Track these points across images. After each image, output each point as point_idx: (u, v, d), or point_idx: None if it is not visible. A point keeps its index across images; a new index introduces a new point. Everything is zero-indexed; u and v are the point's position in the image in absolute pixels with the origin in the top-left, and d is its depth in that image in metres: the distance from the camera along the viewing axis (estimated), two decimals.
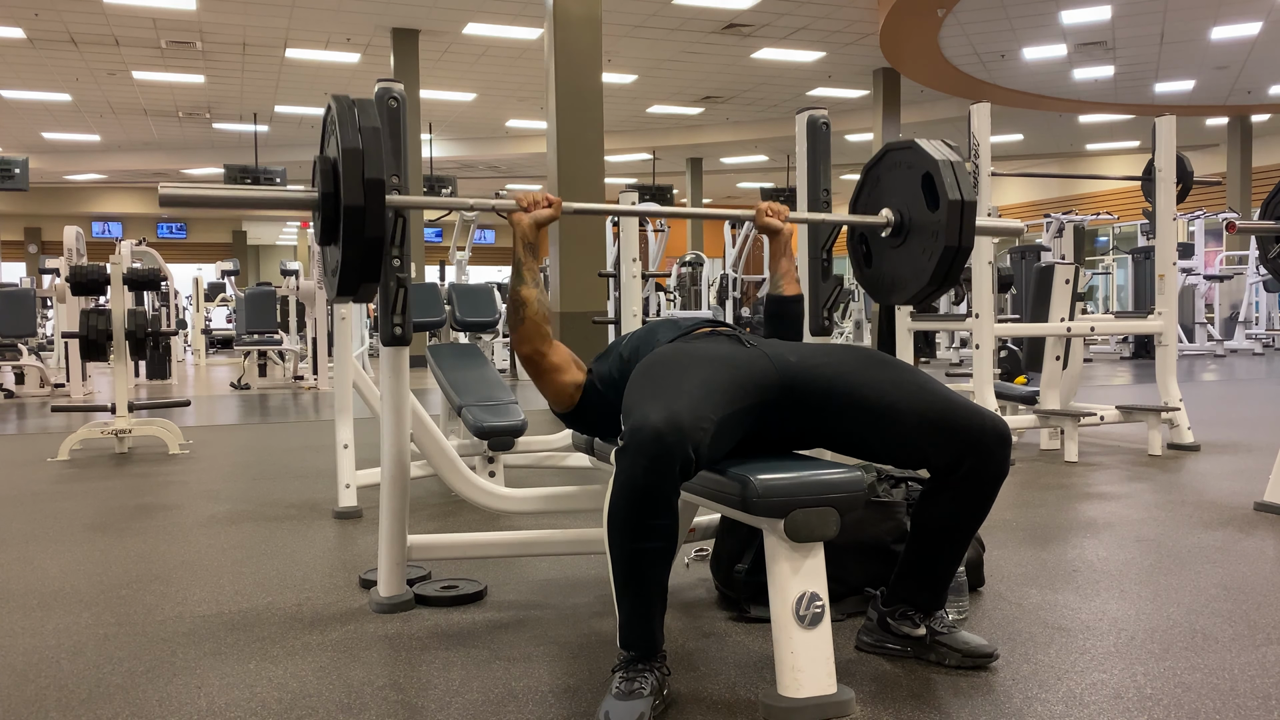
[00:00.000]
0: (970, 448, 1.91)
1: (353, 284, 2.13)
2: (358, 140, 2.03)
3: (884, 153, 2.60)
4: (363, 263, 2.08)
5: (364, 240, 2.04)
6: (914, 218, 2.46)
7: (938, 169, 2.35)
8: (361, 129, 2.04)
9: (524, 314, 2.15)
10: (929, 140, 2.45)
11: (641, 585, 1.81)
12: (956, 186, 2.32)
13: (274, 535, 3.38)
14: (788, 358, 2.02)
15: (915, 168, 2.44)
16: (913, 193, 2.44)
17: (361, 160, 2.02)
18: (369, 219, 2.03)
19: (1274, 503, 3.47)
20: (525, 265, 2.18)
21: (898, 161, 2.52)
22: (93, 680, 2.04)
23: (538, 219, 2.22)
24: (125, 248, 10.06)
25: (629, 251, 4.05)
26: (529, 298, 2.15)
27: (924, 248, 2.41)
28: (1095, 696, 1.88)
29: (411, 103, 10.99)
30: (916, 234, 2.45)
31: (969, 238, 2.34)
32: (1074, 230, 11.69)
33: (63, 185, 23.77)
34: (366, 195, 2.02)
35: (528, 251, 2.20)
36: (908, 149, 2.48)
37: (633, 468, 1.73)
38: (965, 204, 2.32)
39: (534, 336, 2.17)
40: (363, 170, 2.02)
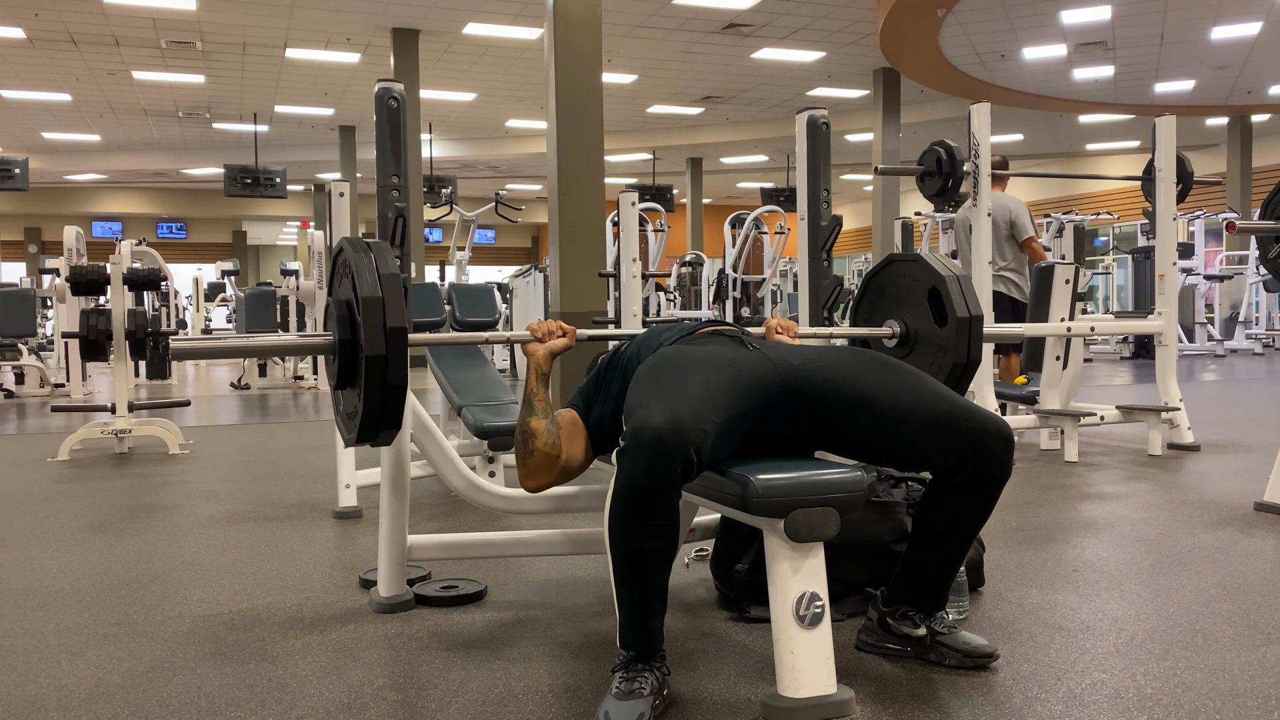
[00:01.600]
0: (973, 450, 1.91)
1: (374, 432, 2.06)
2: (378, 288, 1.97)
3: (886, 263, 2.62)
4: (384, 411, 2.01)
5: (386, 388, 1.98)
6: (919, 330, 2.49)
7: (945, 285, 2.37)
8: (380, 276, 1.98)
9: (533, 446, 2.09)
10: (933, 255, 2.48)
11: (642, 585, 1.81)
12: (964, 303, 2.35)
13: (274, 535, 3.38)
14: (790, 360, 2.01)
15: (920, 281, 2.47)
16: (918, 307, 2.48)
17: (383, 309, 1.96)
18: (391, 367, 1.97)
19: (1274, 503, 3.47)
20: (537, 396, 2.13)
21: (902, 273, 2.55)
22: (93, 680, 2.04)
23: (553, 349, 2.20)
24: (125, 248, 10.05)
25: (629, 251, 4.05)
26: (538, 429, 2.09)
27: (932, 361, 2.45)
28: (1095, 696, 1.88)
29: (411, 103, 11.00)
30: (923, 347, 2.48)
31: (977, 352, 2.37)
32: (1074, 230, 11.70)
33: (63, 185, 23.76)
34: (389, 344, 1.96)
35: (540, 383, 2.15)
36: (913, 262, 2.51)
37: (633, 468, 1.73)
38: (974, 320, 2.35)
39: (543, 470, 2.11)
40: (384, 319, 1.96)
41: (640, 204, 7.57)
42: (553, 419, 2.12)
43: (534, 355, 2.19)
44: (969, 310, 2.34)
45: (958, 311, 2.33)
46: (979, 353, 2.37)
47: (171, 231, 27.05)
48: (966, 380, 2.41)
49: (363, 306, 1.96)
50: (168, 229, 26.92)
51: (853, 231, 27.51)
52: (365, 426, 2.03)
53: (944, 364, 2.39)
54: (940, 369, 2.40)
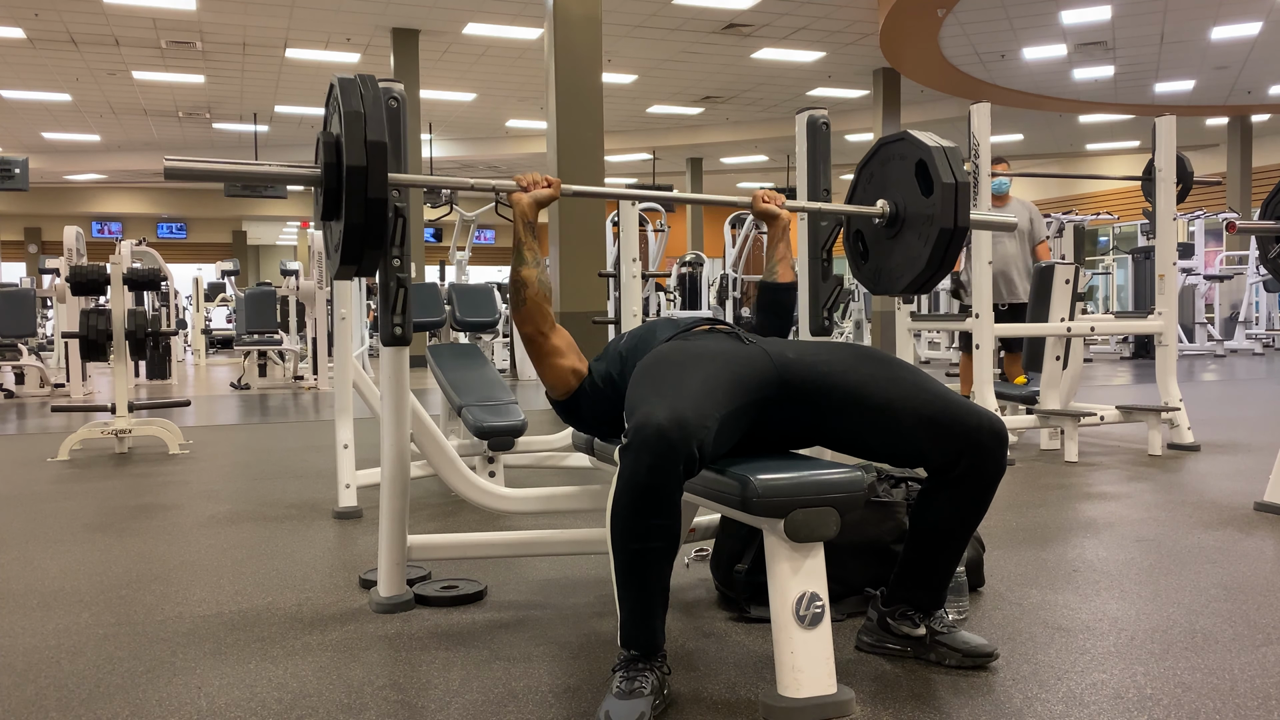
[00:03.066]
0: (967, 446, 1.92)
1: (356, 250, 2.12)
2: (360, 105, 2.06)
3: (877, 147, 2.63)
4: (366, 226, 2.08)
5: (367, 201, 2.05)
6: (909, 206, 2.48)
7: (930, 155, 2.38)
8: (364, 97, 2.07)
9: (525, 294, 2.16)
10: (921, 131, 2.48)
11: (643, 584, 1.81)
12: (950, 170, 2.36)
13: (274, 535, 3.38)
14: (787, 354, 2.02)
15: (908, 158, 2.47)
16: (907, 183, 2.48)
17: (364, 123, 2.04)
18: (372, 179, 2.05)
19: (1274, 503, 3.47)
20: (526, 244, 2.19)
21: (891, 154, 2.55)
22: (93, 680, 2.04)
23: (537, 198, 2.24)
24: (125, 248, 10.05)
25: (629, 251, 4.05)
26: (529, 278, 2.16)
27: (920, 234, 2.44)
28: (1095, 696, 1.88)
29: (411, 103, 10.99)
30: (912, 222, 2.48)
31: (964, 218, 2.36)
32: (1074, 230, 11.70)
33: (63, 185, 23.76)
34: (369, 156, 2.04)
35: (528, 230, 2.21)
36: (900, 141, 2.51)
37: (636, 465, 1.73)
38: (959, 185, 2.35)
39: (535, 317, 2.17)
40: (365, 133, 2.04)
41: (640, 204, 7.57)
42: (543, 270, 2.19)
43: (520, 204, 2.23)
44: (954, 177, 2.35)
45: (942, 178, 2.34)
46: (965, 218, 2.36)
47: (171, 231, 27.04)
48: (955, 248, 2.39)
49: (345, 120, 2.04)
50: (168, 229, 26.91)
51: None
52: (348, 245, 2.10)
53: (930, 234, 2.38)
54: (928, 240, 2.39)
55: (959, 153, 2.43)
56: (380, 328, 2.44)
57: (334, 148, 2.10)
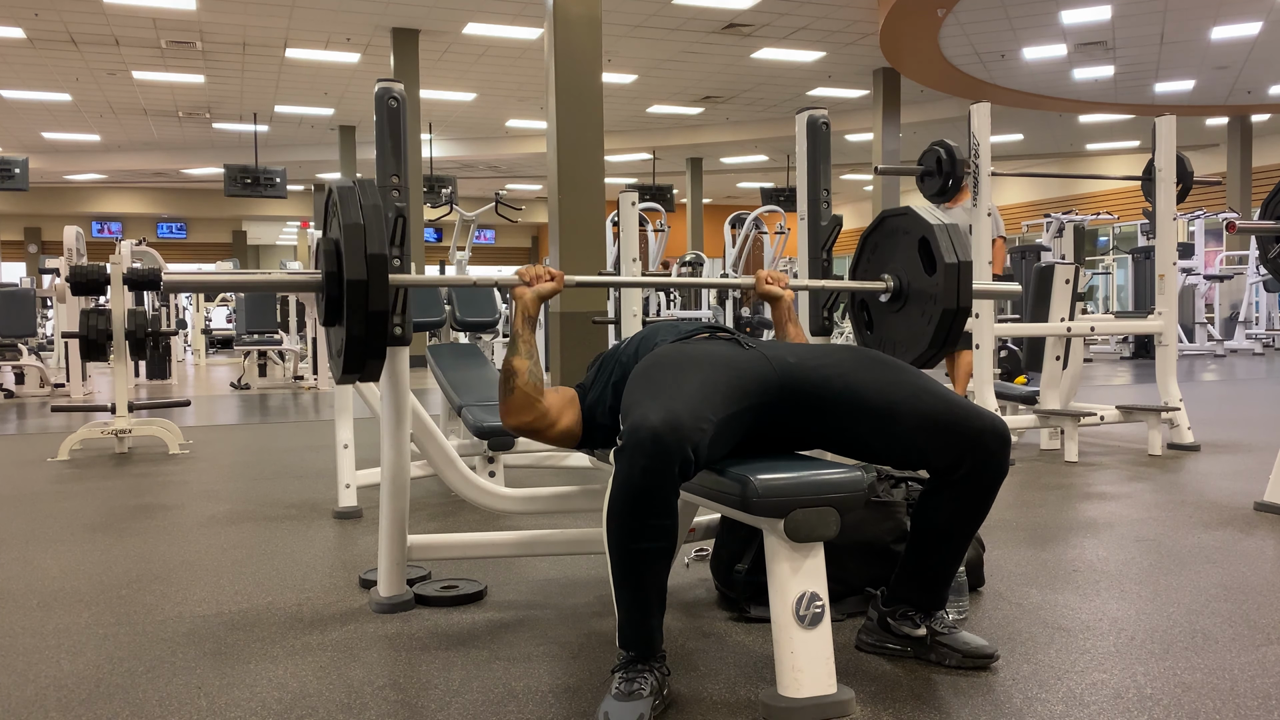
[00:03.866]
0: (970, 448, 1.92)
1: (358, 361, 2.09)
2: (359, 216, 2.03)
3: (880, 220, 2.64)
4: (367, 338, 2.05)
5: (368, 315, 2.02)
6: (912, 283, 2.50)
7: (933, 234, 2.39)
8: (363, 206, 2.04)
9: (514, 384, 2.13)
10: (923, 208, 2.49)
11: (641, 585, 1.81)
12: (953, 250, 2.36)
13: (274, 535, 3.38)
14: (787, 359, 2.02)
15: (911, 233, 2.48)
16: (910, 258, 2.49)
17: (364, 235, 2.02)
18: (373, 293, 2.02)
19: (1274, 503, 3.47)
20: (522, 338, 2.16)
21: (895, 228, 2.56)
22: (93, 680, 2.04)
23: (540, 293, 2.22)
24: (125, 248, 10.05)
25: (629, 251, 4.05)
26: (520, 369, 2.13)
27: (923, 311, 2.45)
28: (1095, 696, 1.88)
29: (411, 103, 11.00)
30: (915, 299, 2.49)
31: (967, 299, 2.38)
32: (1074, 230, 11.70)
33: (63, 185, 23.76)
34: (369, 269, 2.01)
35: (526, 325, 2.19)
36: (903, 215, 2.52)
37: (631, 468, 1.73)
38: (962, 266, 2.36)
39: (522, 409, 2.15)
40: (365, 245, 2.01)
41: (640, 204, 7.57)
42: (535, 362, 2.17)
43: (522, 299, 2.22)
44: (957, 256, 2.36)
45: (945, 258, 2.35)
46: (968, 299, 2.38)
47: (171, 231, 27.05)
48: (958, 328, 2.40)
49: (345, 234, 2.02)
50: (168, 229, 26.92)
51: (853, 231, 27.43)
52: (350, 357, 2.08)
53: (934, 313, 2.39)
54: (931, 318, 2.40)
55: (960, 231, 2.44)
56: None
57: (334, 256, 2.08)
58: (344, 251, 2.03)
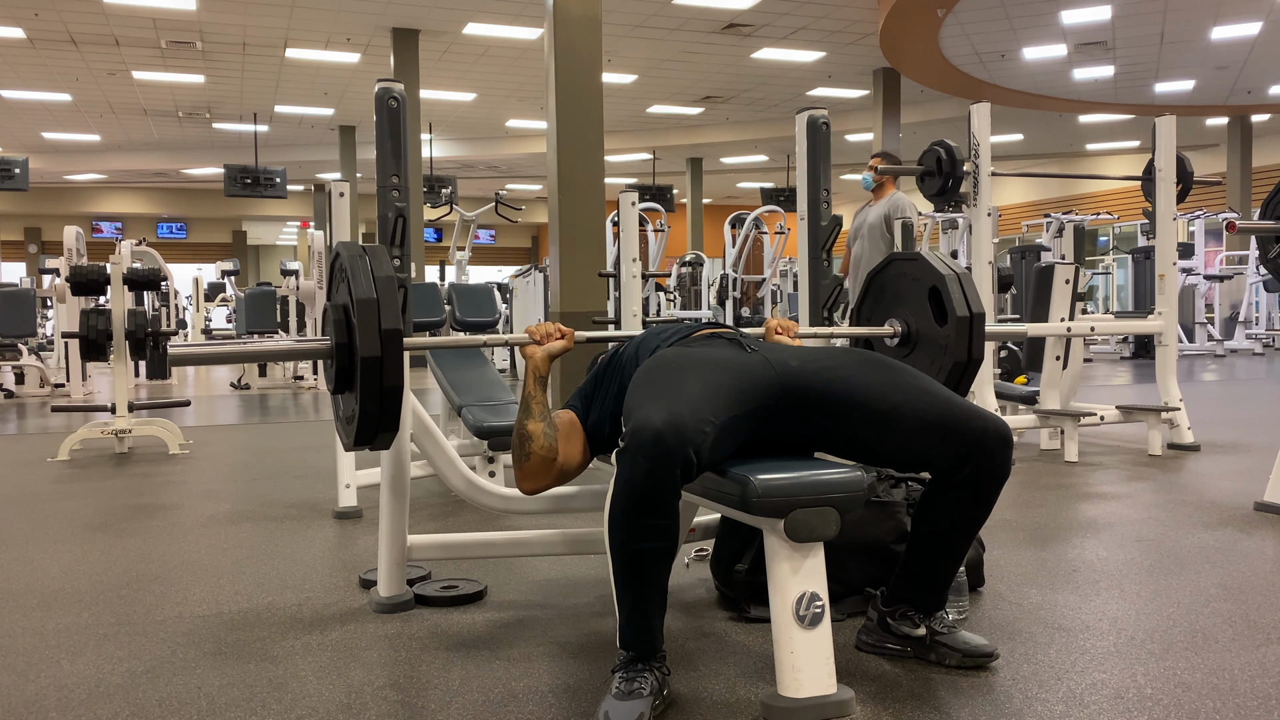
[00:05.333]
0: (972, 450, 1.91)
1: (371, 435, 2.05)
2: (372, 290, 1.97)
3: (888, 262, 2.60)
4: (381, 413, 2.01)
5: (382, 390, 1.98)
6: (920, 329, 2.47)
7: (945, 284, 2.35)
8: (375, 278, 1.99)
9: (529, 449, 2.08)
10: (934, 254, 2.47)
11: (641, 585, 1.81)
12: (965, 302, 2.33)
13: (274, 535, 3.38)
14: (789, 362, 2.01)
15: (921, 280, 2.45)
16: (919, 305, 2.46)
17: (377, 310, 1.96)
18: (387, 368, 1.97)
19: (1274, 503, 3.47)
20: (535, 399, 2.12)
21: (904, 271, 2.53)
22: (93, 680, 2.04)
23: (550, 351, 2.19)
24: (125, 248, 10.05)
25: (629, 251, 4.05)
26: (535, 432, 2.08)
27: (932, 360, 2.43)
28: (1095, 696, 1.88)
29: (411, 103, 11.00)
30: (924, 346, 2.46)
31: (979, 351, 2.35)
32: (1074, 230, 11.69)
33: (63, 185, 23.76)
34: (384, 345, 1.96)
35: (538, 385, 2.15)
36: (913, 261, 2.49)
37: (633, 469, 1.73)
38: (975, 318, 2.33)
39: (539, 473, 2.10)
40: (379, 321, 1.96)
41: (640, 204, 7.57)
42: (550, 422, 2.11)
43: (532, 358, 2.18)
44: (969, 309, 2.33)
45: (958, 310, 2.32)
46: (980, 351, 2.36)
47: (171, 231, 27.05)
48: (968, 380, 2.40)
49: (357, 309, 1.96)
50: (168, 229, 26.91)
51: None
52: (362, 430, 2.03)
53: (944, 364, 2.38)
54: (941, 369, 2.40)
55: (971, 280, 2.41)
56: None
57: (344, 327, 2.02)
58: (357, 325, 1.96)
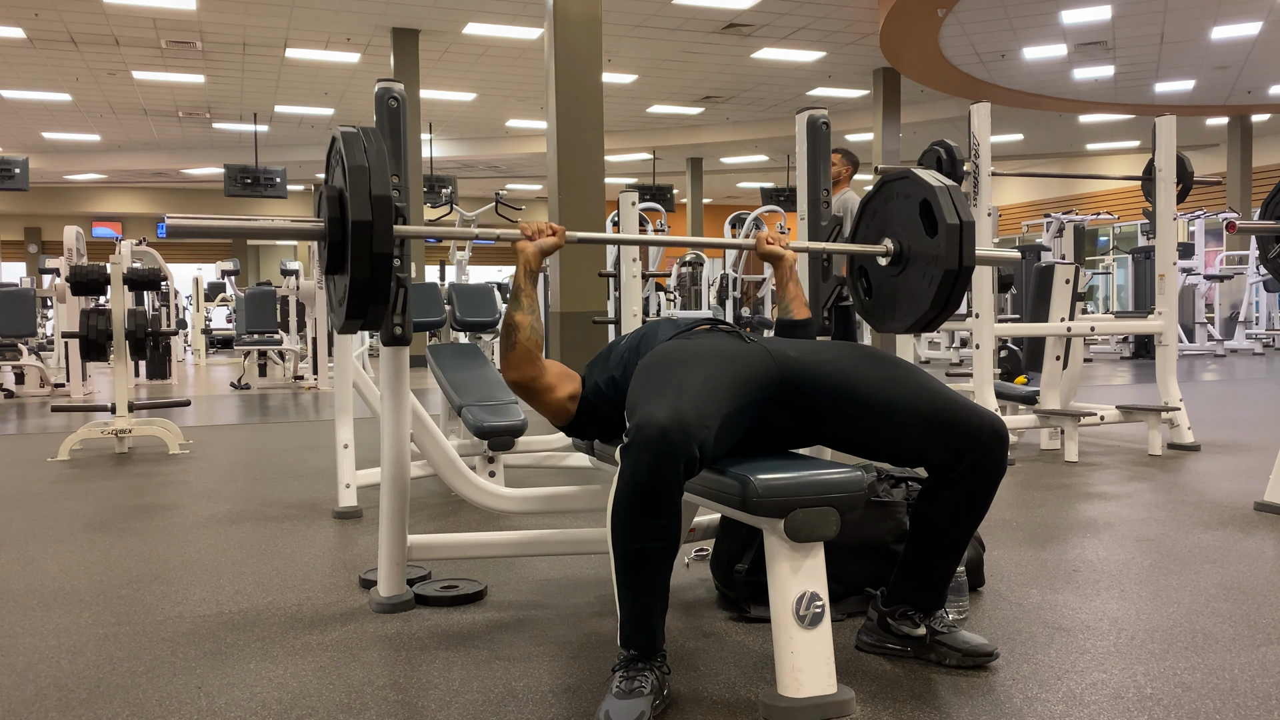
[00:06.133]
0: (968, 445, 1.92)
1: (362, 306, 2.08)
2: (364, 159, 2.04)
3: (881, 184, 2.61)
4: (371, 281, 2.04)
5: (372, 257, 2.02)
6: (913, 245, 2.47)
7: (935, 195, 2.36)
8: (367, 150, 2.05)
9: (516, 338, 2.15)
10: (924, 169, 2.47)
11: (643, 584, 1.81)
12: (954, 211, 2.34)
13: (274, 535, 3.38)
14: (788, 354, 2.02)
15: (912, 196, 2.45)
16: (911, 221, 2.46)
17: (368, 177, 2.02)
18: (377, 234, 2.01)
19: (1274, 503, 3.47)
20: (525, 292, 2.18)
21: (895, 192, 2.53)
22: (93, 680, 2.04)
23: (542, 247, 2.23)
24: (125, 248, 10.06)
25: (629, 251, 4.05)
26: (523, 323, 2.15)
27: (924, 273, 2.43)
28: (1095, 696, 1.88)
29: (411, 103, 10.99)
30: (916, 261, 2.46)
31: (969, 258, 2.35)
32: (1074, 230, 11.69)
33: (63, 185, 23.76)
34: (374, 210, 2.01)
35: (529, 279, 2.20)
36: (904, 179, 2.50)
37: (637, 465, 1.73)
38: (964, 226, 2.33)
39: (523, 363, 2.17)
40: (370, 186, 2.01)
41: (640, 204, 7.58)
42: (537, 318, 2.19)
43: (524, 252, 2.22)
44: (959, 217, 2.34)
45: (947, 219, 2.33)
46: (971, 258, 2.35)
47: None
48: (959, 289, 2.38)
49: (349, 175, 2.02)
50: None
51: None
52: (354, 300, 2.07)
53: (935, 274, 2.38)
54: (932, 280, 2.39)
55: (962, 192, 2.41)
56: (380, 328, 2.43)
57: (338, 202, 2.08)
58: (349, 194, 2.02)
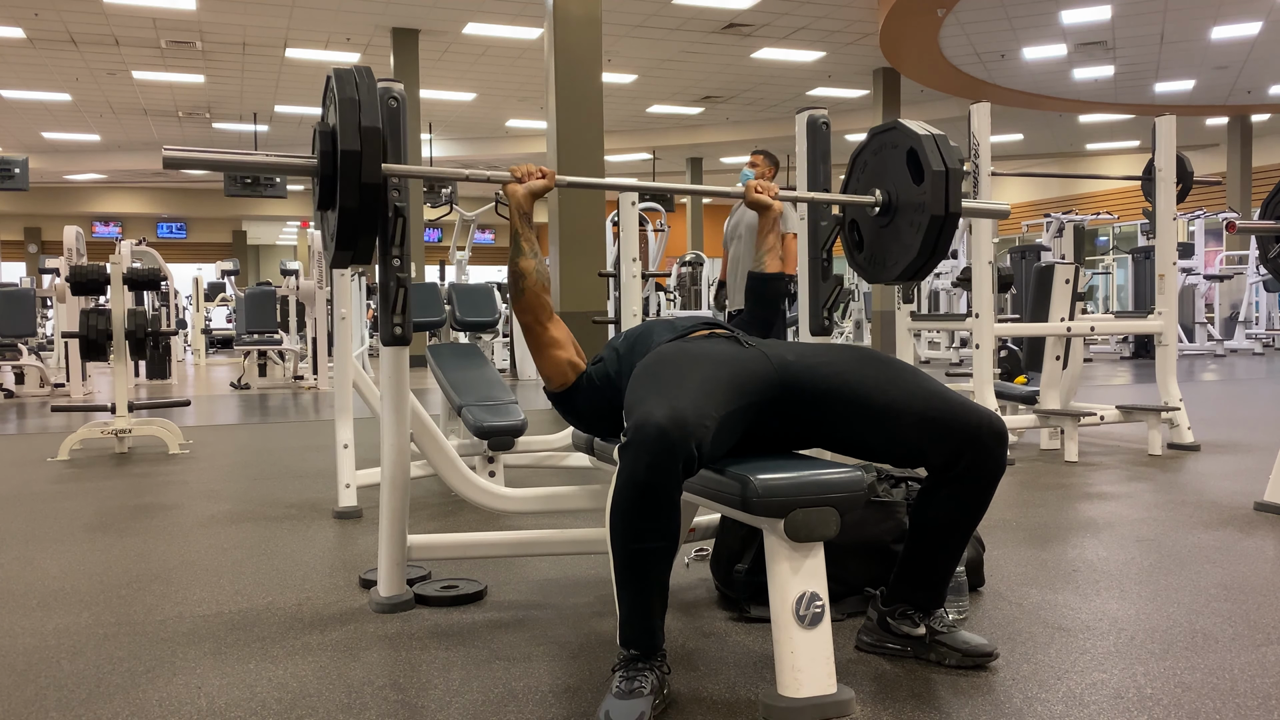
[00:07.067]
0: (967, 445, 1.92)
1: (351, 236, 2.14)
2: (355, 93, 2.10)
3: (869, 137, 2.63)
4: (359, 211, 2.10)
5: (361, 187, 2.08)
6: (901, 195, 2.49)
7: (920, 143, 2.39)
8: (358, 85, 2.11)
9: (523, 284, 2.19)
10: (911, 120, 2.48)
11: (642, 584, 1.81)
12: (940, 158, 2.36)
13: (274, 535, 3.38)
14: (786, 357, 2.02)
15: (899, 147, 2.48)
16: (899, 172, 2.49)
17: (358, 109, 2.08)
18: (366, 164, 2.07)
19: (1274, 503, 3.47)
20: (523, 235, 2.22)
21: (883, 144, 2.56)
22: (93, 680, 2.04)
23: (532, 189, 2.26)
24: (125, 248, 10.06)
25: (629, 251, 4.05)
26: (527, 269, 2.19)
27: (911, 221, 2.45)
28: (1095, 696, 1.88)
29: (411, 103, 11.00)
30: (904, 211, 2.49)
31: (955, 204, 2.37)
32: (1074, 230, 11.70)
33: (63, 185, 23.76)
34: (363, 142, 2.07)
35: (524, 221, 2.23)
36: (891, 130, 2.52)
37: (635, 464, 1.73)
38: (950, 172, 2.36)
39: (534, 306, 2.20)
40: (359, 119, 2.07)
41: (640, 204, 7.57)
42: (540, 260, 2.22)
43: (515, 195, 2.25)
44: (944, 164, 2.36)
45: (932, 165, 2.35)
46: (957, 204, 2.37)
47: (171, 231, 27.04)
48: (946, 235, 2.40)
49: (339, 107, 2.08)
50: (168, 229, 26.91)
51: None
52: (343, 231, 2.12)
53: (922, 221, 2.39)
54: (919, 227, 2.40)
55: (949, 140, 2.43)
56: (380, 328, 2.44)
57: (329, 136, 2.14)
58: (339, 125, 2.07)
